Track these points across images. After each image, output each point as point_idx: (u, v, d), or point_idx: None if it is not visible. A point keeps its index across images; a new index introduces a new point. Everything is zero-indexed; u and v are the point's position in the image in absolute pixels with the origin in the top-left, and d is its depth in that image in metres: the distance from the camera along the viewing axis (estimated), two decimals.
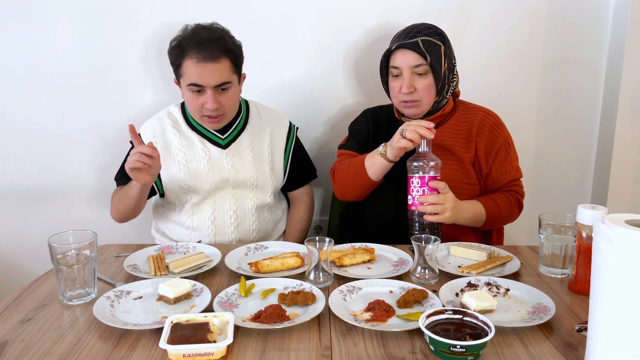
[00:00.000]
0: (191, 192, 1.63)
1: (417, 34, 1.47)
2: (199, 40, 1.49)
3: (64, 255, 1.10)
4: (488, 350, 0.91)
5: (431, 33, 1.48)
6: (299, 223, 1.78)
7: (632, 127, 1.96)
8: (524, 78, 2.01)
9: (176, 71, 1.56)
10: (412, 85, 1.47)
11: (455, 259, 1.34)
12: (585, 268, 1.13)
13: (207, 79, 1.49)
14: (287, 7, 1.90)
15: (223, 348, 0.89)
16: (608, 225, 0.74)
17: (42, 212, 2.02)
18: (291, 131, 1.77)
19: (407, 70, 1.46)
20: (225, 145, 1.65)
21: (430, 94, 1.49)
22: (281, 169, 1.74)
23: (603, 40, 1.98)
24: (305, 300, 1.07)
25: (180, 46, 1.51)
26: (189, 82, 1.51)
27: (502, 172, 1.55)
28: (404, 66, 1.47)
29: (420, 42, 1.46)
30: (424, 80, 1.47)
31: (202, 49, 1.47)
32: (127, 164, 1.40)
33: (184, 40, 1.51)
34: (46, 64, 1.91)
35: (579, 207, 1.12)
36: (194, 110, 1.57)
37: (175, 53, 1.53)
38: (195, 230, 1.65)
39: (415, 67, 1.46)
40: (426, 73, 1.46)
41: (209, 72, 1.48)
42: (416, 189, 1.38)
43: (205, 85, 1.50)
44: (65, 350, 0.93)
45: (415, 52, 1.45)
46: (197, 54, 1.48)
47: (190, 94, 1.53)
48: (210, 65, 1.48)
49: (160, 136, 1.64)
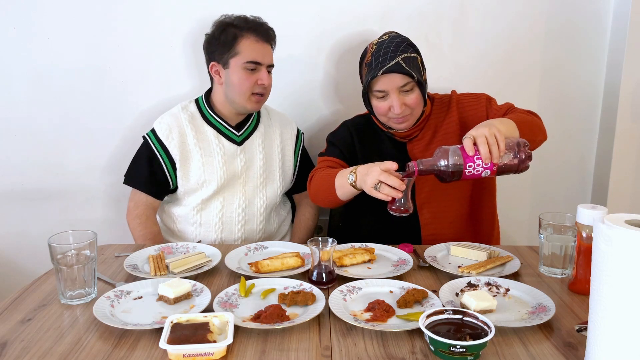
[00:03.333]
0: (203, 187, 1.63)
1: (395, 54, 1.42)
2: (255, 24, 1.60)
3: (64, 255, 1.10)
4: (488, 350, 0.91)
5: (406, 48, 1.44)
6: (305, 225, 1.79)
7: (632, 127, 1.96)
8: (524, 78, 2.01)
9: (227, 52, 1.57)
10: (403, 103, 1.44)
11: (455, 259, 1.34)
12: (585, 268, 1.13)
13: (265, 57, 1.59)
14: (287, 7, 1.90)
15: (223, 348, 0.89)
16: (608, 225, 0.74)
17: (42, 212, 2.02)
18: (299, 135, 1.80)
19: (395, 91, 1.43)
20: (240, 142, 1.67)
21: (419, 106, 1.48)
22: (291, 169, 1.77)
23: (603, 40, 1.98)
24: (305, 300, 1.07)
25: (236, 27, 1.58)
26: (247, 60, 1.56)
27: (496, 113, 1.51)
28: (391, 89, 1.43)
29: (402, 61, 1.41)
30: (411, 95, 1.45)
31: (259, 31, 1.59)
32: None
33: (239, 22, 1.59)
34: (46, 64, 1.91)
35: (578, 207, 1.13)
36: (245, 89, 1.59)
37: (230, 32, 1.57)
38: (203, 226, 1.65)
39: (402, 87, 1.43)
40: (412, 89, 1.45)
41: (266, 51, 1.60)
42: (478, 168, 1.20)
43: (262, 63, 1.59)
44: (65, 350, 0.93)
45: (400, 73, 1.41)
46: (255, 34, 1.58)
47: (244, 73, 1.58)
48: (267, 45, 1.61)
49: (177, 130, 1.64)
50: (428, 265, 1.29)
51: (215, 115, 1.66)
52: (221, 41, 1.58)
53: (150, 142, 1.64)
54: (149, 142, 1.64)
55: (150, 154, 1.63)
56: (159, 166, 1.62)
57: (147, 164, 1.63)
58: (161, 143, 1.62)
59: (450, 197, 1.54)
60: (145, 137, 1.65)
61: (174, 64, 1.93)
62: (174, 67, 1.94)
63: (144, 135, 1.66)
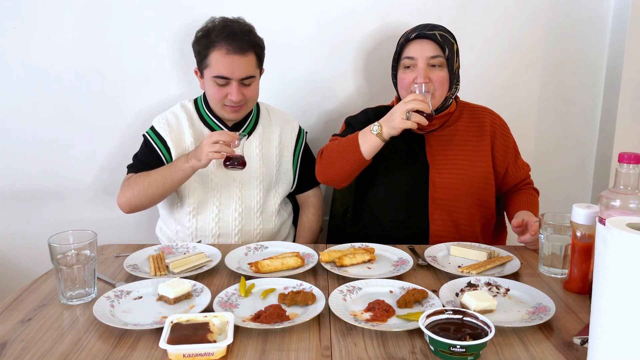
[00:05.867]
0: (198, 187, 1.63)
1: (434, 29, 1.46)
2: (230, 32, 1.51)
3: (64, 255, 1.10)
4: (488, 350, 0.91)
5: (446, 31, 1.49)
6: (309, 227, 1.77)
7: (632, 127, 1.96)
8: (524, 78, 2.01)
9: (201, 62, 1.57)
10: (427, 76, 1.44)
11: (455, 259, 1.34)
12: (580, 267, 1.14)
13: (234, 71, 1.51)
14: (286, 7, 1.90)
15: (223, 348, 0.89)
16: (608, 229, 0.73)
17: (42, 213, 2.02)
18: (300, 135, 1.78)
19: (423, 60, 1.44)
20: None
21: (443, 88, 1.47)
22: (290, 171, 1.75)
23: (603, 40, 1.98)
24: (305, 300, 1.07)
25: (210, 36, 1.52)
26: (215, 74, 1.52)
27: (517, 170, 1.62)
28: (419, 56, 1.44)
29: (438, 35, 1.45)
30: (439, 72, 1.45)
31: (232, 41, 1.50)
32: (209, 155, 1.41)
33: (214, 31, 1.52)
34: (46, 64, 1.91)
35: (573, 207, 1.14)
36: (216, 101, 1.58)
37: (203, 43, 1.54)
38: (199, 230, 1.64)
39: (431, 58, 1.44)
40: (442, 66, 1.45)
41: (236, 65, 1.51)
42: None
43: (231, 78, 1.52)
44: (65, 350, 0.93)
45: (433, 42, 1.44)
46: (227, 45, 1.50)
47: (214, 86, 1.55)
48: (238, 58, 1.51)
49: (176, 128, 1.64)
50: (427, 264, 1.29)
51: (212, 116, 1.66)
52: (196, 50, 1.58)
53: (149, 139, 1.64)
54: (149, 139, 1.64)
55: (150, 148, 1.63)
56: (158, 158, 1.63)
57: (148, 155, 1.63)
58: (160, 138, 1.63)
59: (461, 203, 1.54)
60: (145, 135, 1.66)
61: (174, 64, 1.93)
62: (174, 67, 1.94)
63: (144, 134, 1.66)
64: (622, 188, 1.00)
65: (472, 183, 1.53)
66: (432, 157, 1.55)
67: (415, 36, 1.46)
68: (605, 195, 1.01)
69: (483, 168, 1.55)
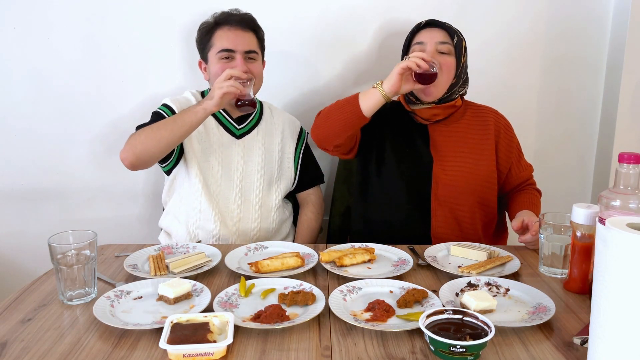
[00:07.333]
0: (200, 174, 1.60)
1: (445, 23, 1.52)
2: (228, 15, 1.62)
3: (64, 255, 1.10)
4: (488, 350, 0.91)
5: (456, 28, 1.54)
6: (308, 226, 1.77)
7: (632, 127, 1.96)
8: (524, 78, 2.01)
9: (205, 46, 1.62)
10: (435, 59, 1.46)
11: (455, 259, 1.34)
12: (580, 267, 1.14)
13: (237, 44, 1.58)
14: (287, 6, 1.90)
15: (223, 348, 0.89)
16: (608, 229, 0.73)
17: (42, 212, 2.02)
18: (302, 134, 1.80)
19: (432, 45, 1.48)
20: (239, 135, 1.68)
21: (449, 74, 1.50)
22: (291, 169, 1.76)
23: (603, 40, 1.98)
24: (305, 300, 1.07)
25: (212, 22, 1.62)
26: (220, 49, 1.58)
27: (520, 170, 1.63)
28: (429, 41, 1.49)
29: (448, 26, 1.51)
30: (446, 57, 1.49)
31: (231, 19, 1.60)
32: (222, 89, 1.41)
33: (216, 18, 1.62)
34: (46, 64, 1.91)
35: (573, 207, 1.14)
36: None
37: (205, 29, 1.61)
38: (202, 212, 1.61)
39: (440, 44, 1.48)
40: (449, 53, 1.49)
41: (239, 39, 1.58)
42: None
43: (236, 50, 1.58)
44: (65, 350, 0.93)
45: (443, 29, 1.49)
46: (229, 24, 1.59)
47: (220, 63, 1.58)
48: (241, 32, 1.59)
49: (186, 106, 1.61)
50: (427, 264, 1.29)
51: None
52: (199, 38, 1.64)
53: (161, 112, 1.61)
54: (160, 112, 1.61)
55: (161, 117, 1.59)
56: None
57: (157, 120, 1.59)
58: (172, 111, 1.59)
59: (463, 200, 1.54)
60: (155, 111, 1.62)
61: (174, 62, 1.94)
62: (174, 65, 1.94)
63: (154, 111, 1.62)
64: (622, 188, 1.00)
65: (475, 181, 1.53)
66: (435, 150, 1.55)
67: (426, 23, 1.52)
68: (605, 195, 1.01)
69: (486, 166, 1.56)
